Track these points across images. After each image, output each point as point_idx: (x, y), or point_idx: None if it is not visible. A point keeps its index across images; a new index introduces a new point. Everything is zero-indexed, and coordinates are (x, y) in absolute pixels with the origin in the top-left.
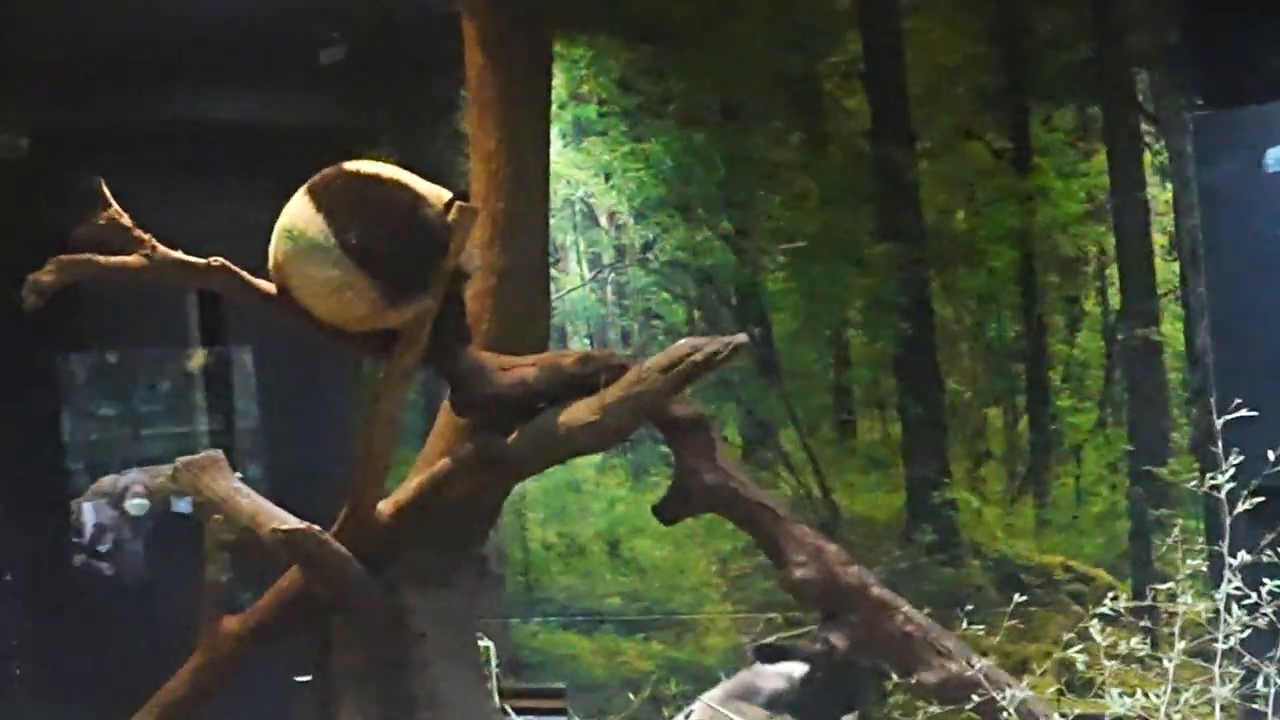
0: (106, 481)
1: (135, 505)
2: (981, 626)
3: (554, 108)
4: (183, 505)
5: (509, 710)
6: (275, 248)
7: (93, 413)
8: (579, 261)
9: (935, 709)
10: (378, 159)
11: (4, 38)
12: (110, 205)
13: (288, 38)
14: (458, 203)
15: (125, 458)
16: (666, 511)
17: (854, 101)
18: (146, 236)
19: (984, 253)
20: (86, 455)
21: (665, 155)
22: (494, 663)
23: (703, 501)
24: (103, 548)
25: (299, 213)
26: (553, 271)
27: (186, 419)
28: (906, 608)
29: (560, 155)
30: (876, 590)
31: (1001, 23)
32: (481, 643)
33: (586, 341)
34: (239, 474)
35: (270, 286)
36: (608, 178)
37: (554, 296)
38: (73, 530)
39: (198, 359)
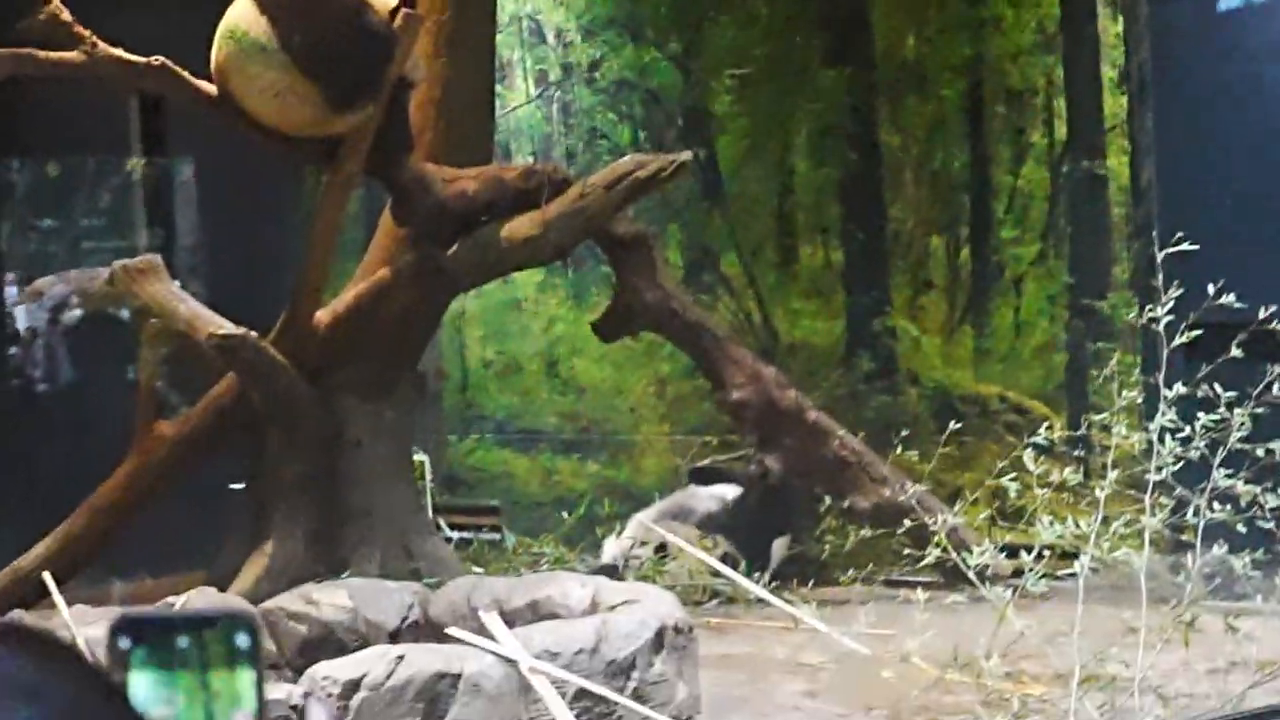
0: (43, 283)
1: (57, 294)
2: (916, 454)
3: None
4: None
5: (443, 525)
6: (217, 49)
7: (32, 225)
8: (525, 78)
9: (867, 533)
10: None
11: None
12: (51, 1)
13: None
14: (403, 10)
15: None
16: (606, 328)
17: None
18: (87, 33)
19: (933, 81)
20: (24, 267)
21: None
22: (429, 478)
23: (642, 320)
24: (36, 350)
25: (243, 14)
26: (498, 88)
27: (127, 233)
28: (842, 433)
29: None
30: (813, 415)
31: None
32: (417, 457)
33: (531, 159)
34: (177, 281)
35: (211, 89)
36: None
37: (499, 113)
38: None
39: (139, 169)
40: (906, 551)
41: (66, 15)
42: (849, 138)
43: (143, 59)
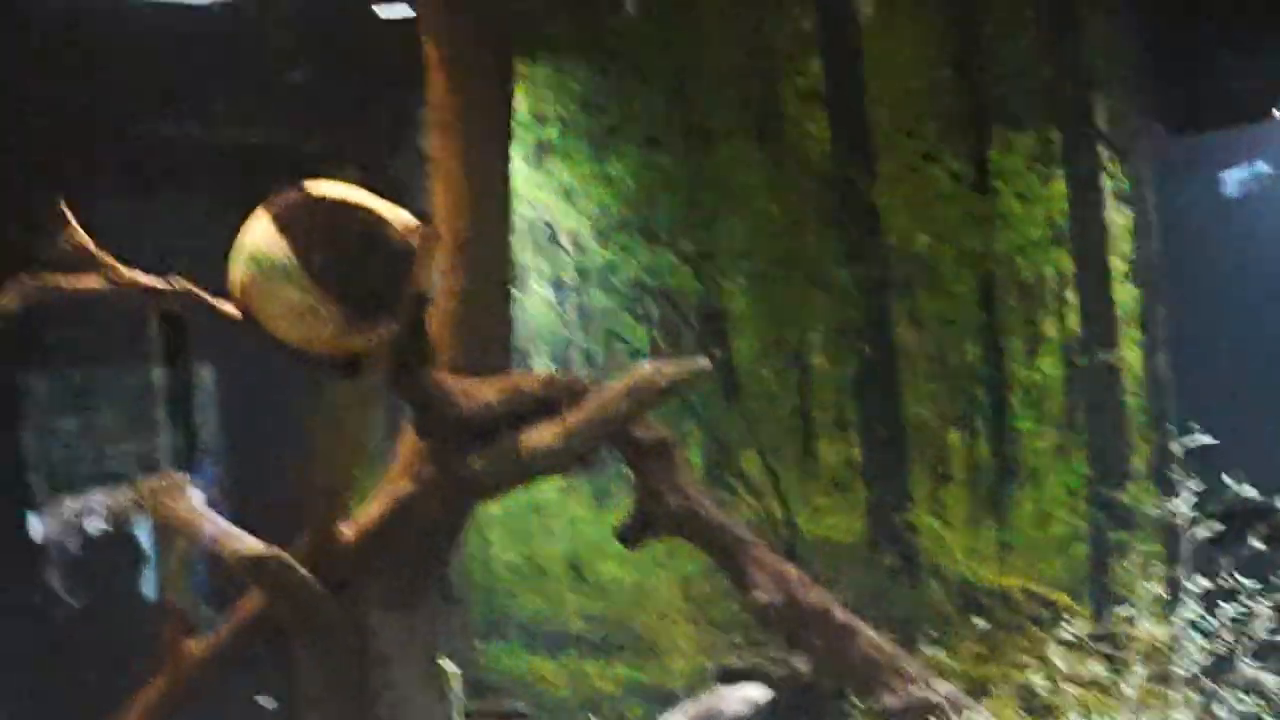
0: (67, 502)
1: (93, 523)
2: (943, 649)
3: (516, 128)
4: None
5: None
6: (238, 270)
7: (53, 428)
8: (541, 283)
9: None
10: (339, 179)
11: None
12: (72, 226)
13: (249, 58)
14: (420, 227)
15: (87, 474)
16: (629, 535)
17: (817, 124)
18: (109, 259)
19: (945, 276)
20: (47, 471)
21: (627, 176)
22: (457, 686)
23: (666, 525)
24: (63, 569)
25: (262, 236)
26: (514, 293)
27: (148, 435)
28: (869, 631)
29: (523, 176)
30: (839, 613)
31: (962, 47)
32: (444, 665)
33: (549, 363)
34: (201, 493)
35: (234, 309)
36: (570, 199)
37: (516, 318)
38: (33, 551)
39: (159, 376)
40: None
41: (88, 241)
42: (864, 334)
43: (164, 283)
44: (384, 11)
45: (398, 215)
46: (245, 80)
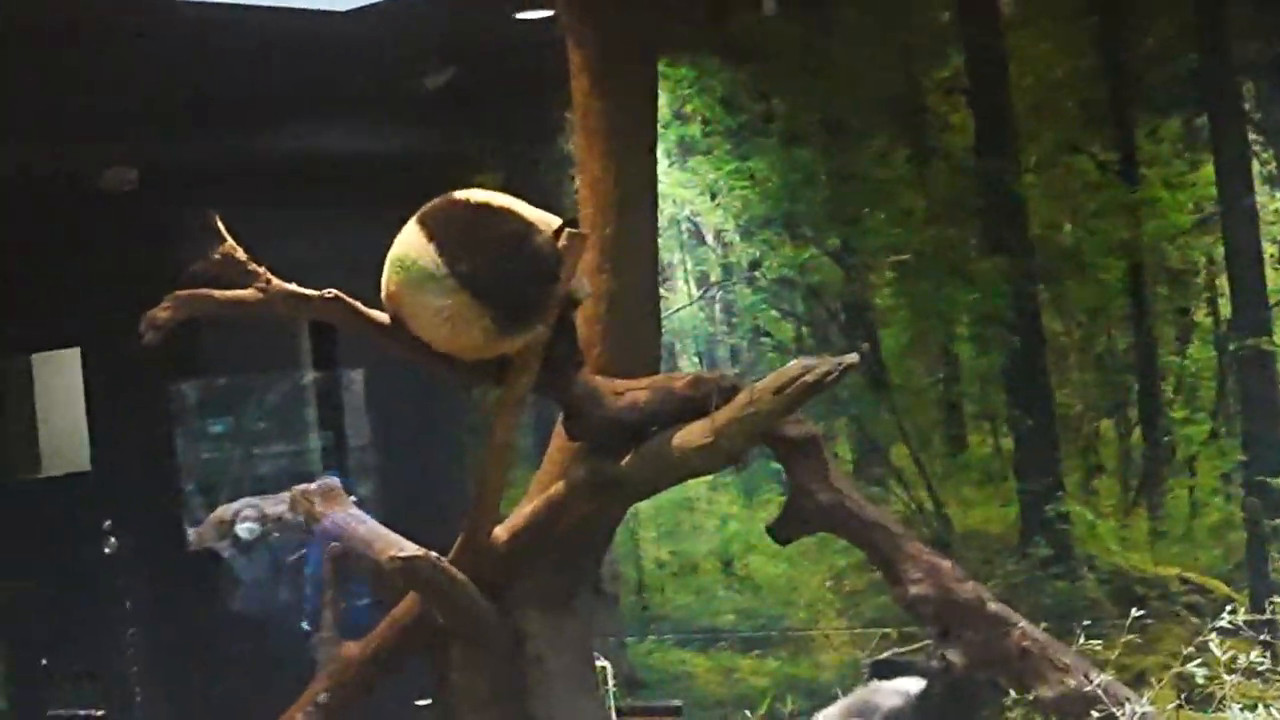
0: (224, 510)
1: (246, 529)
2: (1098, 640)
3: (659, 128)
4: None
5: None
6: (388, 278)
7: (204, 431)
8: (687, 280)
9: None
10: (486, 184)
11: (115, 73)
12: (225, 240)
13: (393, 65)
14: (567, 229)
15: (236, 476)
16: (781, 532)
17: (958, 117)
18: (261, 270)
19: (1092, 265)
20: (199, 474)
21: (770, 173)
22: (610, 682)
23: (817, 521)
24: (223, 577)
25: (410, 243)
26: (661, 291)
27: (298, 437)
28: (1023, 623)
29: (666, 175)
30: (992, 606)
31: (1105, 35)
32: (598, 663)
33: (696, 360)
34: (353, 497)
35: (383, 316)
36: (714, 196)
37: (663, 316)
38: (190, 557)
39: (310, 381)
40: None
41: (240, 254)
42: (1011, 325)
43: (315, 292)
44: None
45: (544, 219)
46: (386, 86)
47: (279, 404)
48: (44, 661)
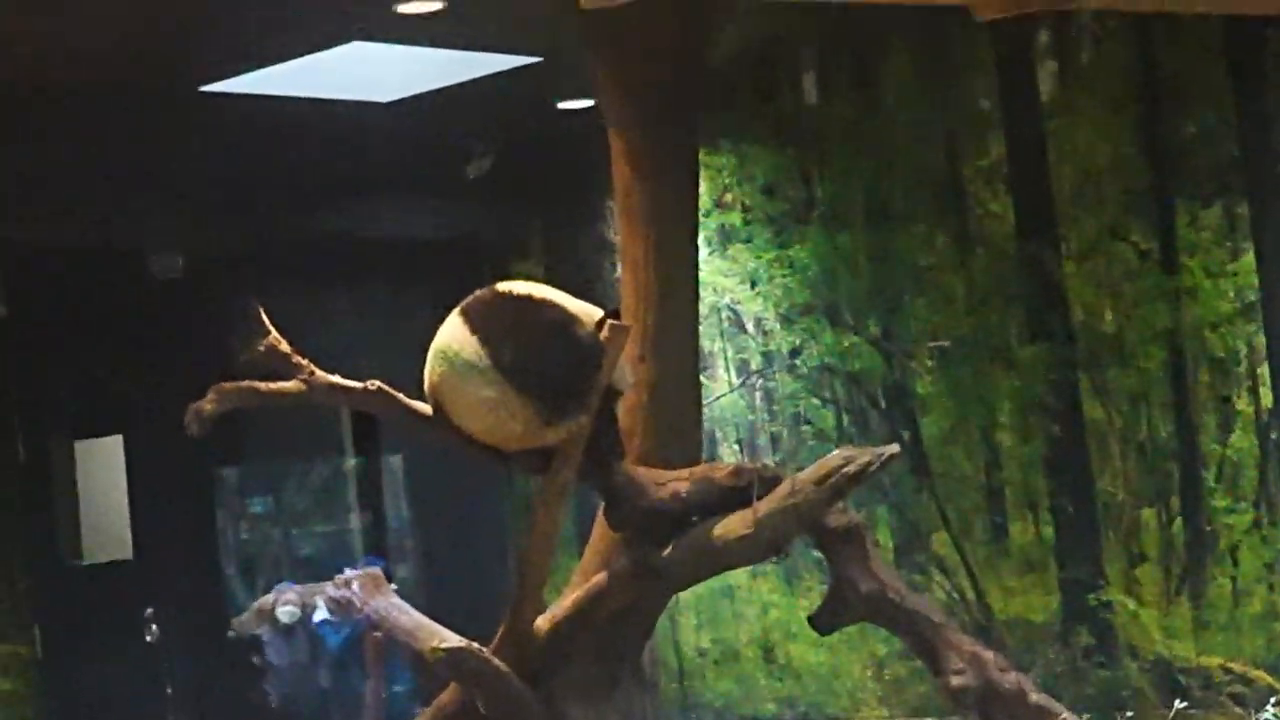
0: (267, 600)
1: (286, 612)
2: None
3: (699, 216)
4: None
5: None
6: (431, 370)
7: (244, 511)
8: (727, 368)
9: None
10: (527, 270)
11: (162, 162)
12: (269, 332)
13: (435, 154)
14: (609, 321)
15: (277, 557)
16: (823, 622)
17: (999, 204)
18: (305, 362)
19: (1134, 353)
20: (240, 555)
21: (811, 260)
22: None
23: (859, 611)
24: (267, 665)
25: (453, 334)
26: (701, 379)
27: (339, 519)
28: (1065, 713)
29: (706, 263)
30: (1035, 696)
31: (1145, 122)
32: None
33: (736, 448)
34: (393, 585)
35: (426, 407)
36: (754, 284)
37: (703, 404)
38: (231, 644)
39: (350, 462)
40: None
41: (285, 345)
42: (1052, 412)
43: (358, 384)
44: (566, 103)
45: (586, 310)
46: (428, 175)
47: (320, 485)
48: None
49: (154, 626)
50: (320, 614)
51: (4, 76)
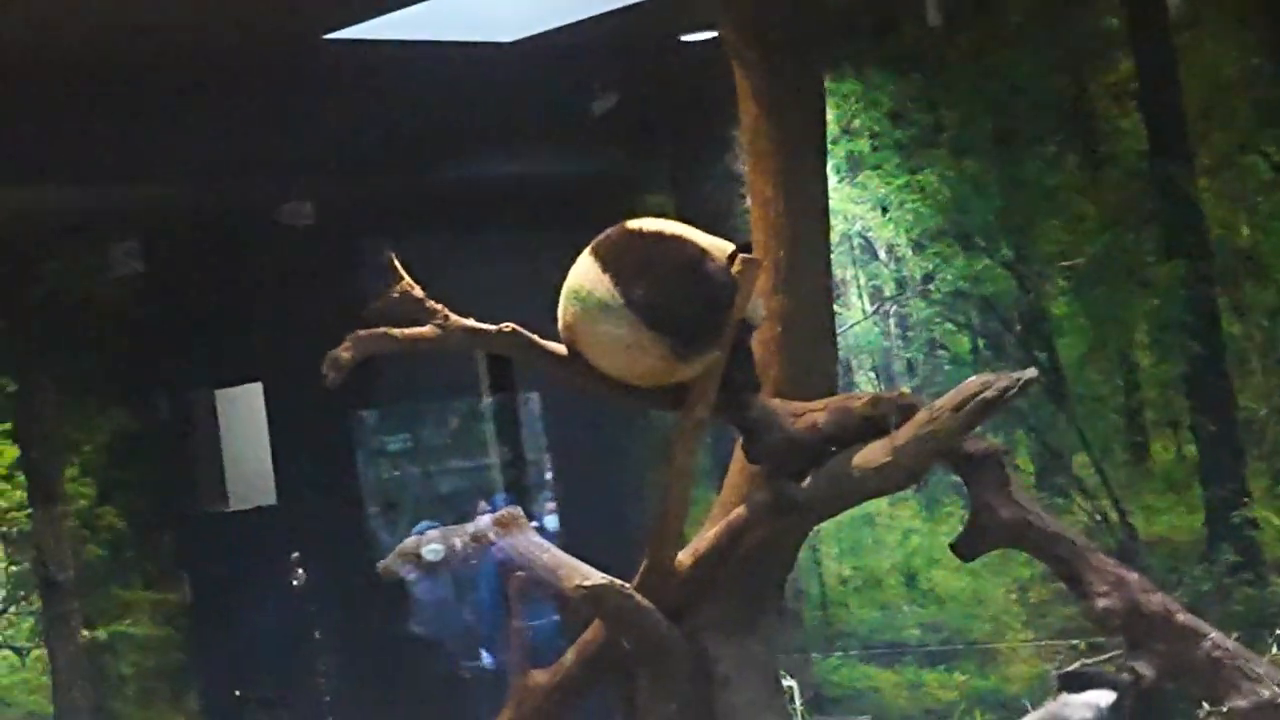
0: (410, 543)
1: (431, 551)
2: None
3: (827, 144)
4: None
5: None
6: (564, 309)
7: (383, 450)
8: (860, 295)
9: None
10: (656, 206)
11: (288, 111)
12: (402, 278)
13: (558, 93)
14: (740, 255)
15: (417, 495)
16: (964, 549)
17: (1129, 121)
18: (439, 307)
19: (1271, 267)
20: (381, 495)
21: (941, 185)
22: (798, 702)
23: (1000, 537)
24: (412, 608)
25: (585, 274)
26: (835, 307)
27: (477, 455)
28: (1213, 633)
29: (835, 191)
30: (1181, 616)
31: (1276, 33)
32: (784, 682)
33: (871, 376)
34: (534, 523)
35: (560, 348)
36: (884, 211)
37: (837, 332)
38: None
39: (487, 404)
40: None
41: (418, 291)
42: (1190, 330)
43: (493, 326)
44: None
45: (717, 244)
46: (553, 114)
47: (459, 424)
48: (236, 692)
49: (300, 570)
50: (434, 549)
51: (129, 40)
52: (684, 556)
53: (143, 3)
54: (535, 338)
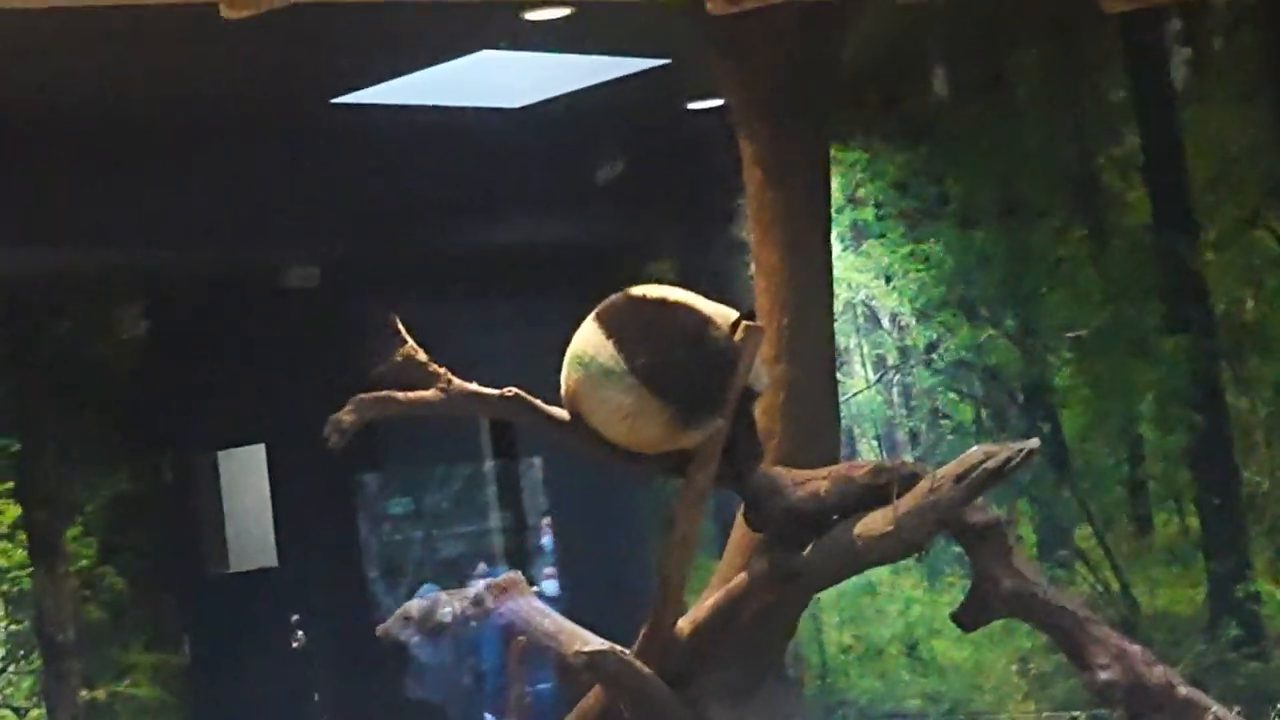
0: (410, 606)
1: (445, 612)
2: None
3: (831, 212)
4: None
5: None
6: (567, 376)
7: (385, 513)
8: (864, 364)
9: None
10: (661, 272)
11: (297, 175)
12: (406, 342)
13: (566, 159)
14: (744, 322)
15: (418, 559)
16: (966, 619)
17: (1135, 194)
18: (442, 371)
19: (1276, 341)
20: (382, 558)
21: (946, 255)
22: None
23: (1002, 608)
24: (413, 671)
25: (589, 340)
26: (838, 375)
27: (478, 521)
28: (1216, 707)
29: (840, 259)
30: (1183, 690)
31: None
32: None
33: (874, 444)
34: (535, 588)
35: (563, 413)
36: (888, 280)
37: (840, 400)
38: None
39: (489, 465)
40: None
41: (422, 355)
42: (1194, 403)
43: (495, 391)
44: (695, 104)
45: (721, 312)
46: (560, 180)
47: (460, 489)
48: None
49: (300, 632)
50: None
51: (137, 103)
52: (684, 624)
53: (150, 66)
54: (538, 403)
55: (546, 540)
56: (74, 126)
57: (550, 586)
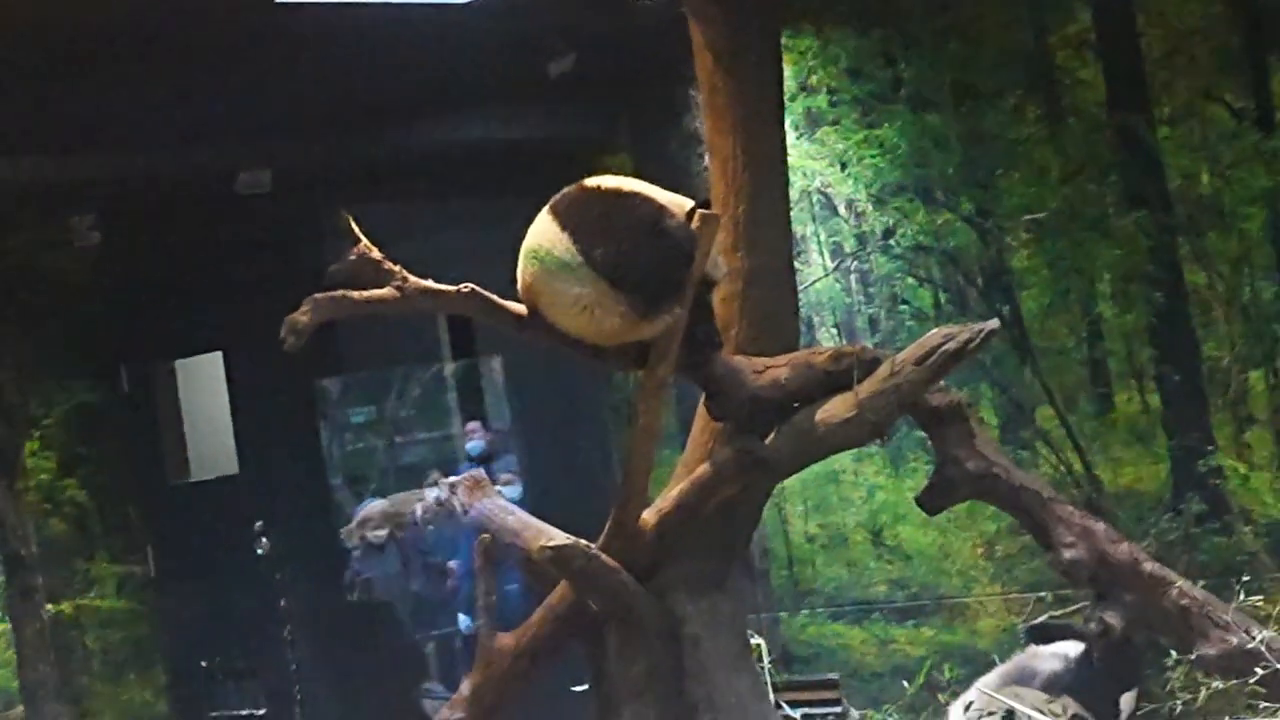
0: (370, 509)
1: (376, 536)
2: (1259, 596)
3: (785, 100)
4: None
5: (783, 705)
6: (523, 269)
7: (347, 423)
8: (821, 251)
9: (1219, 685)
10: (615, 166)
11: (242, 78)
12: (360, 240)
13: (515, 54)
14: (699, 211)
15: (382, 467)
16: (930, 502)
17: (1088, 72)
18: (397, 268)
19: (1233, 215)
20: (345, 467)
21: (900, 140)
22: (766, 660)
23: (966, 490)
24: (370, 574)
25: (544, 233)
26: (796, 264)
27: (440, 425)
28: (1180, 581)
29: (794, 147)
30: (1148, 566)
31: None
32: (753, 640)
33: (834, 332)
34: (498, 487)
35: (520, 308)
36: (844, 166)
37: (799, 289)
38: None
39: (449, 367)
40: (1264, 705)
41: (376, 253)
42: (1153, 280)
43: (451, 287)
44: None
45: (676, 201)
46: (510, 76)
47: (421, 393)
48: (204, 663)
49: (264, 539)
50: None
51: (82, 10)
52: (649, 516)
53: None
54: (495, 298)
55: (509, 437)
56: (20, 37)
57: (511, 492)
